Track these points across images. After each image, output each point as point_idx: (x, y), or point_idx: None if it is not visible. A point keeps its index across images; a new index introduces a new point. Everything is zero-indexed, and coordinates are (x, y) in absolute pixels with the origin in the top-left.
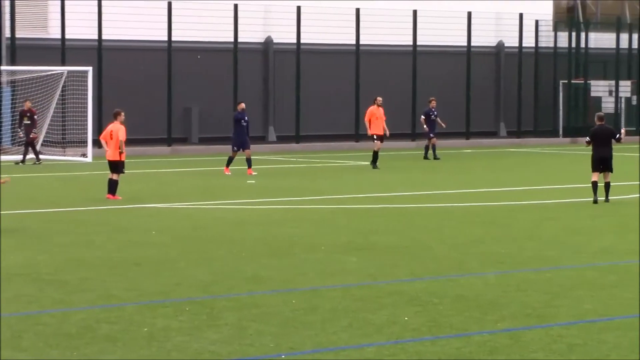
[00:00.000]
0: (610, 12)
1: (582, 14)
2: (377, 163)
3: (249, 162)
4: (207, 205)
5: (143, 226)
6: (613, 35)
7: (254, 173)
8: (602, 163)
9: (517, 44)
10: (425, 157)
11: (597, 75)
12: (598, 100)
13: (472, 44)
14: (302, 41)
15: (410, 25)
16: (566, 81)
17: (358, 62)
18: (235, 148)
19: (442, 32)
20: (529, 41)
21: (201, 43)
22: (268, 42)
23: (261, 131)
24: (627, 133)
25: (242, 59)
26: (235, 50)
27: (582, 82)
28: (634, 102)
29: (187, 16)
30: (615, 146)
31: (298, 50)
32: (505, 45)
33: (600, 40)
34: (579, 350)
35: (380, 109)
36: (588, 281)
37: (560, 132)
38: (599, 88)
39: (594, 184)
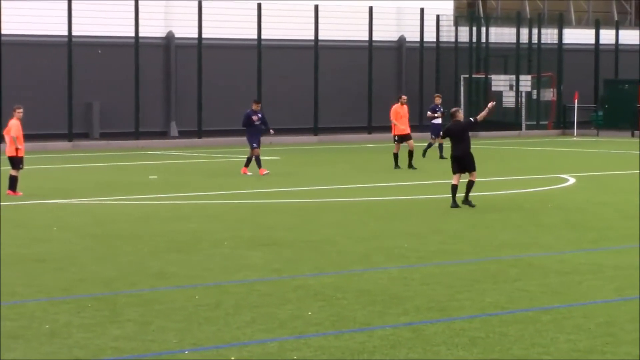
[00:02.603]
0: (510, 7)
1: (483, 9)
2: (399, 162)
3: (248, 160)
4: (110, 201)
5: (45, 222)
6: (513, 30)
7: (249, 173)
8: (460, 162)
9: (418, 39)
10: (442, 157)
11: (497, 70)
12: (499, 94)
13: (374, 38)
14: (203, 36)
15: (312, 19)
16: (467, 75)
17: (260, 57)
18: (254, 145)
19: (343, 26)
20: (430, 36)
21: (102, 38)
22: (169, 37)
23: (163, 126)
24: (528, 127)
25: (144, 54)
26: (136, 45)
27: (483, 76)
28: (535, 97)
29: (87, 11)
30: (521, 139)
31: (200, 45)
32: (407, 40)
33: (501, 35)
34: (481, 343)
35: (405, 107)
36: (490, 275)
37: None
38: (500, 82)
39: (453, 188)
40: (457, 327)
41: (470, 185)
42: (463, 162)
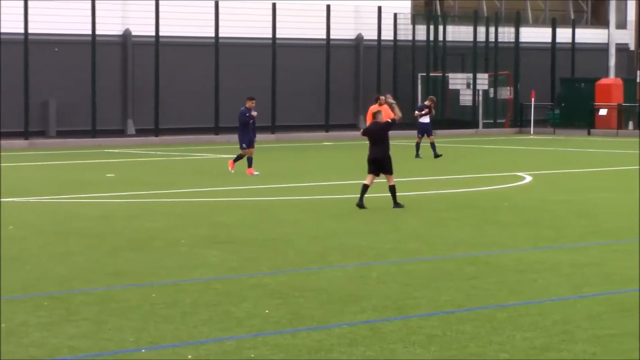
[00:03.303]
0: (467, 6)
1: (440, 7)
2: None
3: (249, 160)
4: (67, 199)
5: (1, 220)
6: (470, 29)
7: (255, 173)
8: (376, 164)
9: (376, 37)
10: (417, 156)
11: (455, 68)
12: (456, 92)
13: (332, 37)
14: (161, 34)
15: (270, 18)
16: (424, 74)
17: (217, 55)
18: (244, 145)
19: (301, 25)
20: (387, 34)
21: (58, 36)
22: (126, 35)
23: (120, 124)
24: (485, 125)
25: (100, 51)
26: (93, 43)
27: (440, 74)
28: (492, 95)
29: (44, 8)
30: (478, 138)
31: (157, 44)
32: (364, 38)
33: (458, 33)
34: (438, 341)
35: (385, 107)
36: (447, 273)
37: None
38: (457, 81)
39: (364, 187)
40: (414, 325)
41: (391, 190)
42: (380, 165)
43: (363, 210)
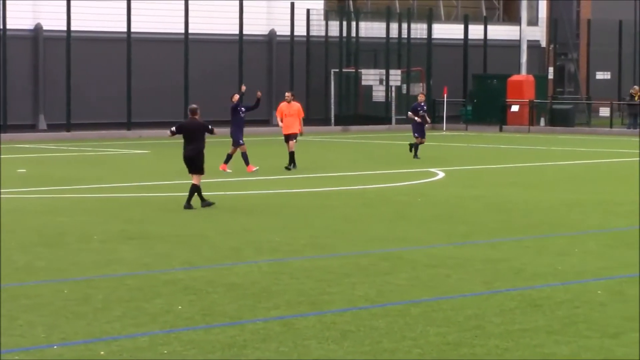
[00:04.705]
0: (380, 2)
1: (353, 3)
2: (293, 164)
3: (229, 157)
4: None
5: None
6: (383, 25)
7: (229, 170)
8: (189, 162)
9: (288, 33)
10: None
11: (367, 64)
12: (369, 88)
13: (244, 32)
14: (72, 29)
15: (182, 13)
16: (337, 70)
17: (130, 50)
18: (241, 142)
19: (213, 20)
20: (300, 30)
21: None
22: (38, 29)
23: (31, 119)
24: (398, 121)
25: (11, 46)
26: (3, 37)
27: (353, 71)
28: (404, 91)
29: None
30: (390, 134)
31: (68, 38)
32: (277, 34)
33: (371, 29)
34: (352, 336)
35: (293, 104)
36: (361, 268)
37: (332, 120)
38: (370, 77)
39: (194, 188)
40: (327, 321)
41: (193, 190)
42: (191, 163)
43: (278, 206)
